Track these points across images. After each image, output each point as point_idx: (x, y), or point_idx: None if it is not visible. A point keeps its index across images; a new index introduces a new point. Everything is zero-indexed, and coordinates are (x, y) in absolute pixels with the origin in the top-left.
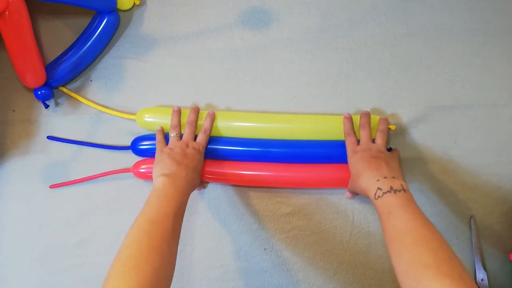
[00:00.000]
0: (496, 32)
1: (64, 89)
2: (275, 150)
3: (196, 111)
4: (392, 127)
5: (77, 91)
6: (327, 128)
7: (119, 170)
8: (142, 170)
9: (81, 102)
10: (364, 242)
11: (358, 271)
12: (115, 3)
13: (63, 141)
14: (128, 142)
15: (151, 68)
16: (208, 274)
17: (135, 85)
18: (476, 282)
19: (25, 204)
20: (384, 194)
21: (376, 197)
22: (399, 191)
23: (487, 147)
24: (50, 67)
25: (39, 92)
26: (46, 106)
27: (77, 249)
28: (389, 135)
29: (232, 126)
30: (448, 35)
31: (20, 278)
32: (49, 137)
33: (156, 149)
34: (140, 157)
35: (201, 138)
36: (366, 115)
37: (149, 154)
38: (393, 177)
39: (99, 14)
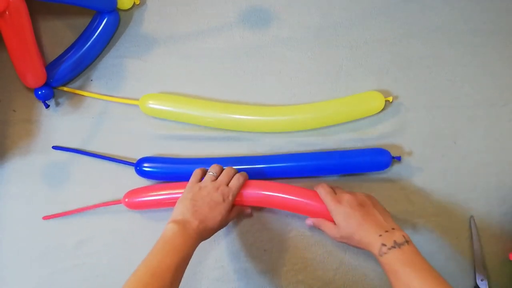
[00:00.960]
0: (496, 32)
1: (65, 88)
2: (278, 165)
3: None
4: (389, 98)
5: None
6: (326, 115)
7: (109, 203)
8: (135, 200)
9: (82, 102)
10: None
11: (358, 272)
12: (115, 2)
13: (69, 151)
14: (129, 143)
15: (152, 68)
16: (208, 275)
17: (136, 85)
18: (476, 283)
19: (25, 204)
20: (389, 251)
21: (382, 254)
22: (403, 244)
23: (487, 147)
24: (50, 67)
25: (39, 92)
26: (47, 106)
27: (77, 249)
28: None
29: (233, 118)
30: (448, 35)
31: (20, 278)
32: (54, 147)
33: (189, 181)
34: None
35: (235, 184)
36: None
37: (153, 177)
38: (393, 229)
39: (99, 14)
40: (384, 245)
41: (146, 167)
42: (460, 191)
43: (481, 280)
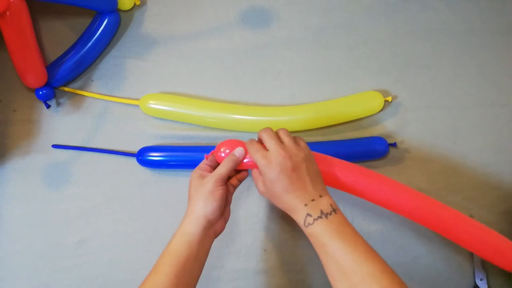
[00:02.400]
0: (496, 32)
1: (66, 88)
2: None
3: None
4: (389, 98)
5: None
6: (325, 115)
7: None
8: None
9: (83, 102)
10: None
11: None
12: (116, 3)
13: (68, 148)
14: (130, 143)
15: (152, 68)
16: (208, 274)
17: (136, 85)
18: (475, 282)
19: (25, 204)
20: (315, 221)
21: (307, 224)
22: (330, 214)
23: (486, 147)
24: (51, 67)
25: (40, 92)
26: (48, 106)
27: (77, 249)
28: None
29: (234, 118)
30: (448, 35)
31: (20, 278)
32: (54, 146)
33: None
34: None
35: (218, 169)
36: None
37: (156, 166)
38: (320, 196)
39: (100, 15)
40: (309, 215)
41: (148, 156)
42: (460, 191)
43: (480, 280)
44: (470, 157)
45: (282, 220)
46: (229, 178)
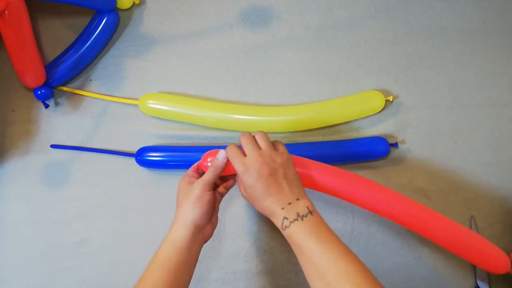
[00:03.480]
0: (496, 32)
1: (65, 88)
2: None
3: None
4: (389, 98)
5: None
6: (326, 115)
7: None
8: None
9: (81, 102)
10: (364, 243)
11: None
12: (115, 2)
13: (67, 148)
14: (129, 143)
15: (151, 67)
16: (208, 275)
17: (135, 84)
18: (476, 283)
19: (25, 204)
20: (292, 224)
21: (284, 227)
22: (306, 216)
23: (487, 147)
24: (50, 67)
25: (39, 92)
26: (46, 106)
27: (77, 249)
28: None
29: (233, 118)
30: (448, 35)
31: (20, 278)
32: (53, 146)
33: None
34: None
35: (203, 177)
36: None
37: (155, 166)
38: (297, 199)
39: (98, 14)
40: (286, 218)
41: (147, 156)
42: (460, 191)
43: (481, 281)
44: (471, 157)
45: None
46: (217, 186)
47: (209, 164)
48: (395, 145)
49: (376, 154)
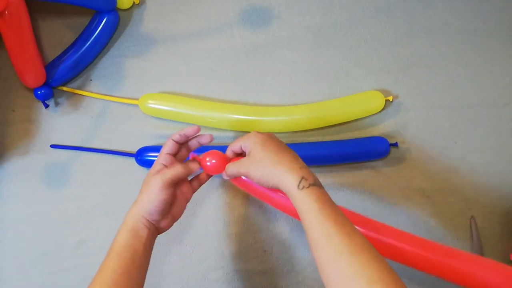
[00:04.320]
0: (496, 32)
1: (65, 88)
2: None
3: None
4: (390, 98)
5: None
6: (326, 115)
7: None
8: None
9: (81, 102)
10: None
11: None
12: (115, 2)
13: (67, 148)
14: (128, 143)
15: (151, 67)
16: (208, 275)
17: (135, 84)
18: None
19: (25, 204)
20: (311, 186)
21: (301, 187)
22: (321, 187)
23: (487, 147)
24: (50, 67)
25: (39, 92)
26: (46, 106)
27: (77, 249)
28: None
29: (233, 118)
30: (448, 35)
31: (20, 278)
32: (53, 146)
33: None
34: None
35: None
36: None
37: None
38: (309, 172)
39: (98, 14)
40: (305, 178)
41: (147, 156)
42: (461, 192)
43: None
44: (471, 157)
45: (282, 221)
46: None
47: (208, 163)
48: (395, 145)
49: (376, 154)
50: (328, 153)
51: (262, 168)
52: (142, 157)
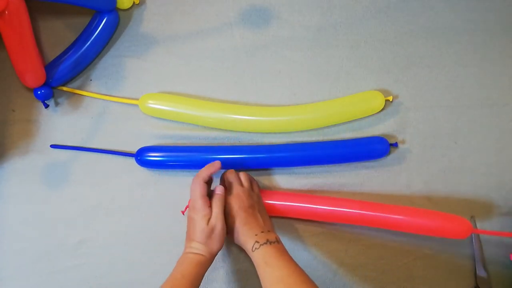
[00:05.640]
0: (496, 32)
1: (65, 88)
2: (277, 155)
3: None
4: (389, 98)
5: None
6: (326, 115)
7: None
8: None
9: (81, 102)
10: (365, 244)
11: (358, 273)
12: (115, 2)
13: (67, 148)
14: (129, 143)
15: (151, 67)
16: (208, 275)
17: (135, 84)
18: (476, 283)
19: (25, 204)
20: (261, 246)
21: (254, 249)
22: (274, 243)
23: (487, 147)
24: (50, 67)
25: (39, 92)
26: (46, 106)
27: (77, 249)
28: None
29: (233, 118)
30: (448, 35)
31: (20, 278)
32: (53, 146)
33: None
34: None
35: (196, 191)
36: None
37: (155, 166)
38: (269, 231)
39: (98, 14)
40: (257, 242)
41: (147, 156)
42: (460, 191)
43: (482, 281)
44: (471, 157)
45: (281, 222)
46: None
47: None
48: (395, 145)
49: (376, 154)
50: (328, 153)
51: (232, 231)
52: (142, 157)
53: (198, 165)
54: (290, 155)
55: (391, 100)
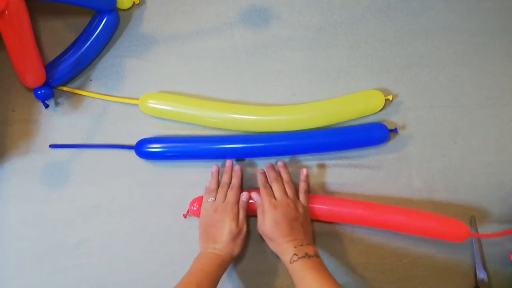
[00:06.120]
0: (496, 32)
1: (65, 88)
2: (278, 143)
3: (230, 171)
4: (389, 97)
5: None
6: (326, 114)
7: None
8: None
9: (81, 102)
10: (365, 243)
11: (358, 273)
12: (115, 2)
13: (66, 147)
14: (129, 142)
15: (151, 67)
16: None
17: (135, 84)
18: (476, 283)
19: (25, 204)
20: (299, 259)
21: (292, 261)
22: (312, 257)
23: (487, 147)
24: (50, 67)
25: (39, 92)
26: (46, 106)
27: (77, 249)
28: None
29: (233, 118)
30: (448, 35)
31: (20, 278)
32: (52, 146)
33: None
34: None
35: (231, 196)
36: (273, 169)
37: (155, 157)
38: (308, 244)
39: (98, 14)
40: (295, 255)
41: (147, 147)
42: (460, 191)
43: (482, 281)
44: (471, 157)
45: None
46: None
47: (194, 208)
48: (395, 130)
49: (376, 140)
50: (328, 140)
51: (266, 239)
52: (142, 148)
53: (197, 155)
54: (290, 144)
55: (391, 99)
